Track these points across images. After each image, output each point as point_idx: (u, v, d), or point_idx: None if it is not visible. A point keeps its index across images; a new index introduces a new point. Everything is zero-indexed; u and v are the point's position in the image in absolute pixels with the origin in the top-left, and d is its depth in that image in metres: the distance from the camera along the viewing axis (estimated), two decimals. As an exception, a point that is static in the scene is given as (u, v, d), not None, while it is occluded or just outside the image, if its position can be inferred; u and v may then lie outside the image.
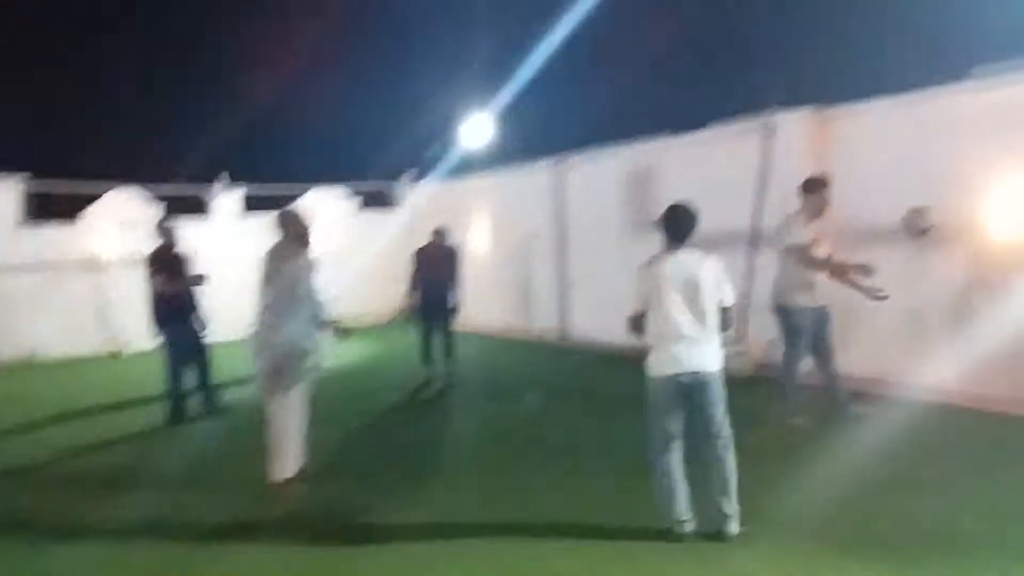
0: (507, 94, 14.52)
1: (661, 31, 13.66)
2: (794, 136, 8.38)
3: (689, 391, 4.39)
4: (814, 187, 6.46)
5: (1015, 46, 6.87)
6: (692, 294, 4.39)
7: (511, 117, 14.07)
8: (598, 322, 11.61)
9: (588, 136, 12.07)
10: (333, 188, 15.56)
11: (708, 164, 9.66)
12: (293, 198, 14.91)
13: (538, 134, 13.77)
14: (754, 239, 8.73)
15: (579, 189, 11.96)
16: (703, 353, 4.38)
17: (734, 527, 4.39)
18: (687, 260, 4.47)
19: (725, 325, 4.52)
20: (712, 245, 10.10)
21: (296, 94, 18.53)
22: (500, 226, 13.76)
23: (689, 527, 4.42)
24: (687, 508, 4.45)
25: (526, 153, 13.17)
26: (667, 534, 4.43)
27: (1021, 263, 6.57)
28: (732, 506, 4.40)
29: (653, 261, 4.58)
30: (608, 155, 11.30)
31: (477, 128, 14.68)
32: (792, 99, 8.50)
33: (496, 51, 15.44)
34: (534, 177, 12.63)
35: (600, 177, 11.43)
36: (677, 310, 4.38)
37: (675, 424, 4.46)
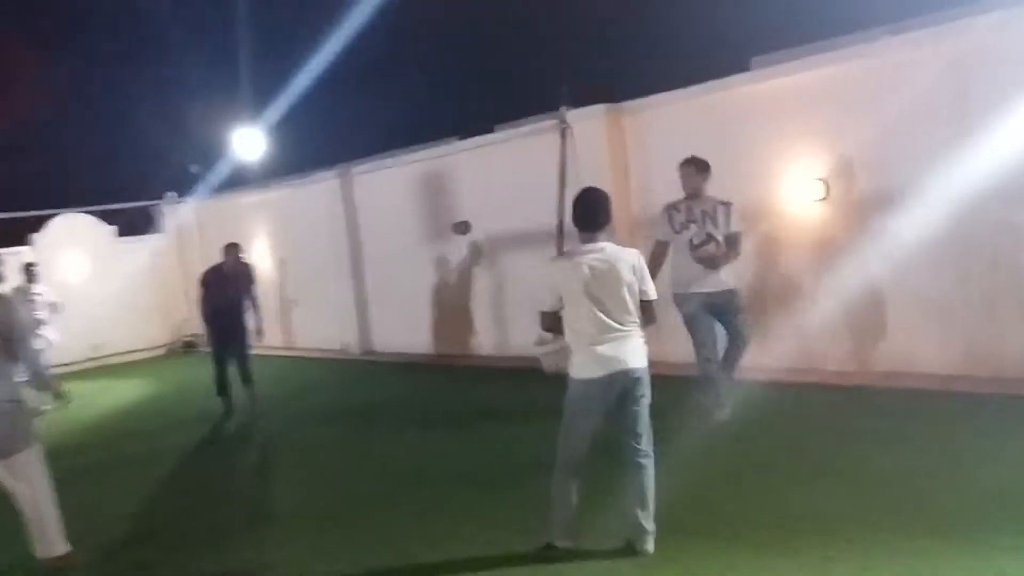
0: (281, 106, 13.70)
1: (445, 37, 13.50)
2: (589, 133, 8.42)
3: (615, 392, 3.96)
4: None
5: (790, 36, 7.30)
6: (612, 288, 3.93)
7: (288, 129, 13.26)
8: (401, 332, 11.15)
9: (374, 144, 11.62)
10: (83, 215, 13.83)
11: (503, 166, 9.52)
12: (31, 227, 13.09)
13: (319, 144, 13.10)
14: (560, 236, 8.67)
15: (369, 198, 11.42)
16: (628, 350, 3.98)
17: (650, 545, 3.98)
18: (604, 252, 3.99)
19: (648, 320, 4.09)
20: (519, 243, 10.59)
21: (44, 116, 16.42)
22: (285, 241, 12.85)
23: (569, 544, 4.08)
24: (571, 527, 4.10)
25: (308, 164, 12.46)
26: (551, 549, 4.06)
27: (813, 242, 6.95)
28: (651, 522, 4.00)
29: (568, 254, 4.15)
30: (396, 162, 10.87)
31: (249, 141, 13.72)
32: (583, 98, 8.55)
33: (266, 63, 14.54)
34: (319, 188, 11.91)
35: (390, 185, 10.97)
36: (597, 306, 3.93)
37: (589, 431, 4.02)
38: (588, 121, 8.41)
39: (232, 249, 8.25)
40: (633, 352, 3.98)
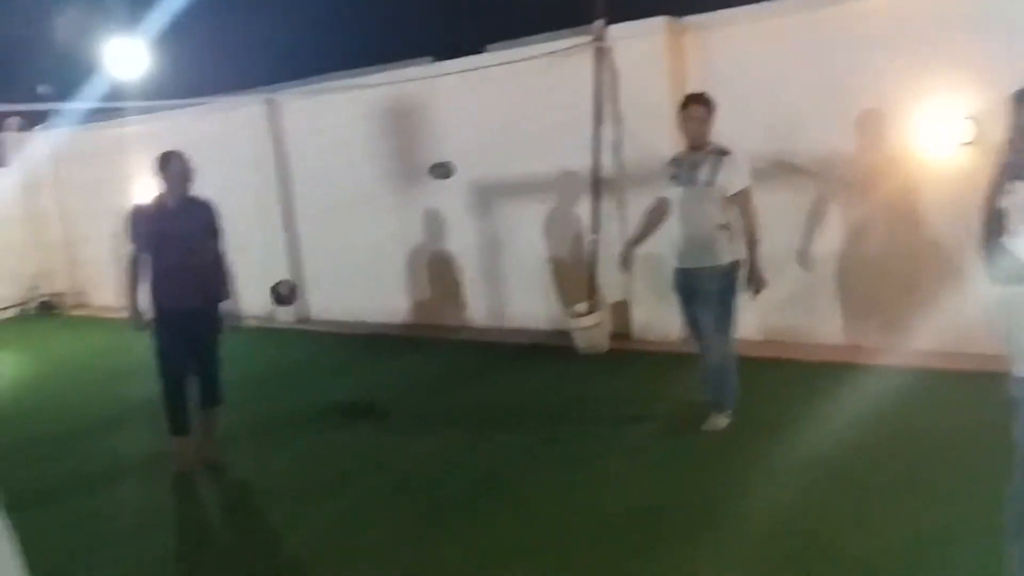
0: (171, 9, 10.85)
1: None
2: (638, 55, 6.82)
3: None
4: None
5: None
6: None
7: (184, 41, 10.56)
8: (344, 297, 9.14)
9: (308, 65, 9.34)
10: None
11: (503, 95, 7.72)
12: None
13: (233, 62, 10.50)
14: (596, 182, 7.06)
15: (304, 131, 9.20)
16: None
17: None
18: None
19: None
20: (524, 191, 7.90)
21: None
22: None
23: None
24: None
25: (214, 87, 9.93)
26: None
27: (955, 195, 5.74)
28: None
29: None
30: (347, 87, 8.71)
31: (127, 55, 10.89)
32: (626, 9, 6.92)
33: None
34: (236, 117, 9.51)
35: (336, 116, 8.82)
36: None
37: None
38: (639, 39, 6.79)
39: (173, 164, 4.99)
40: None
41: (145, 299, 5.02)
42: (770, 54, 6.34)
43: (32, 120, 11.62)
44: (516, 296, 8.00)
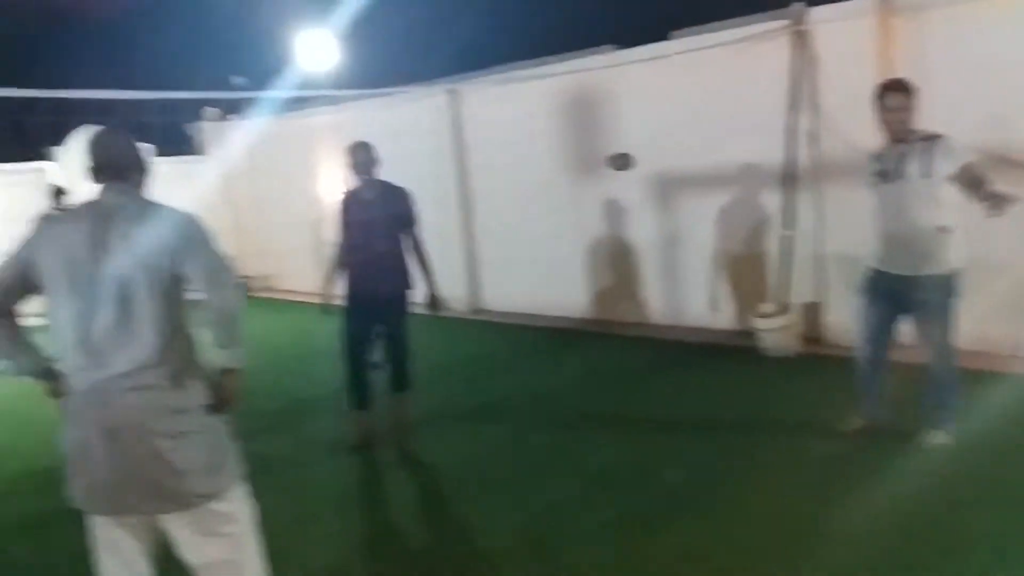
0: (350, 8, 11.28)
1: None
2: (843, 39, 6.41)
3: None
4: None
5: None
6: None
7: (370, 34, 10.93)
8: (519, 289, 9.20)
9: (485, 56, 9.42)
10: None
11: (689, 83, 7.48)
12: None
13: (415, 54, 10.78)
14: (792, 177, 6.74)
15: (484, 121, 9.31)
16: None
17: None
18: None
19: None
20: (706, 184, 7.57)
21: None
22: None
23: None
24: None
25: (398, 78, 10.21)
26: None
27: None
28: None
29: None
30: (528, 77, 8.73)
31: (318, 48, 11.44)
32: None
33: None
34: (419, 107, 9.75)
35: (516, 105, 8.86)
36: None
37: None
38: (844, 22, 6.39)
39: (359, 154, 5.15)
40: None
41: (339, 285, 5.26)
42: (994, 37, 5.79)
43: (227, 110, 12.39)
44: (695, 293, 7.76)
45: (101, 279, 2.53)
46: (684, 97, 7.56)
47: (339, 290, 5.26)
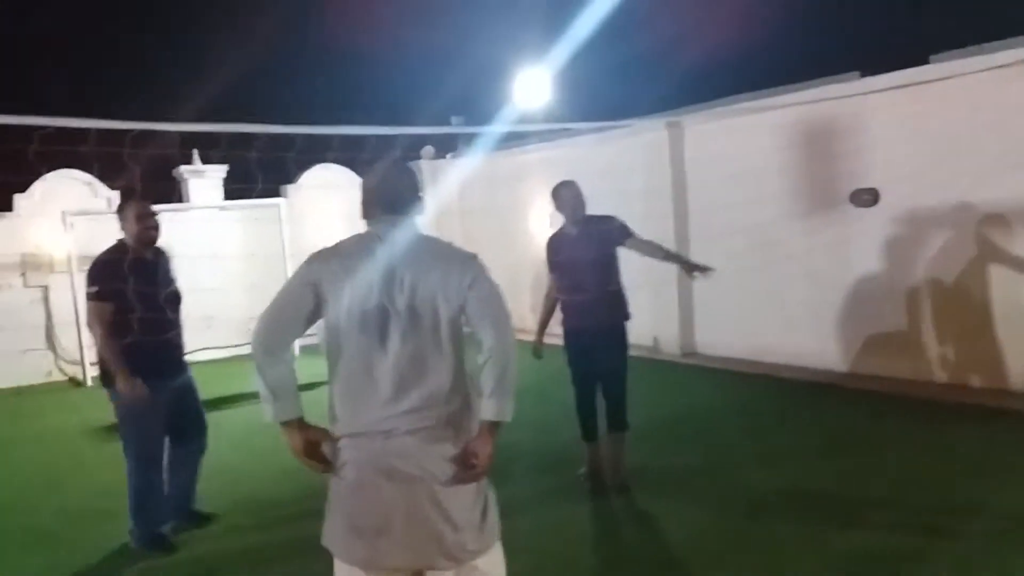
0: (568, 45, 11.12)
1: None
2: None
3: None
4: None
5: None
6: None
7: (580, 67, 10.73)
8: (738, 333, 8.54)
9: (710, 87, 8.93)
10: (334, 165, 12.04)
11: (949, 111, 6.63)
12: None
13: (623, 89, 10.47)
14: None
15: (707, 156, 8.81)
16: None
17: None
18: None
19: None
20: (997, 222, 6.42)
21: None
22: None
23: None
24: None
25: (606, 113, 9.92)
26: None
27: None
28: None
29: None
30: (758, 108, 8.14)
31: (533, 86, 11.45)
32: None
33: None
34: (635, 142, 9.40)
35: (743, 139, 8.30)
36: None
37: None
38: None
39: (564, 193, 5.03)
40: None
41: (554, 325, 5.21)
42: None
43: (442, 149, 12.63)
44: (972, 345, 6.73)
45: (397, 313, 2.41)
46: (941, 127, 6.72)
47: (556, 329, 5.16)
